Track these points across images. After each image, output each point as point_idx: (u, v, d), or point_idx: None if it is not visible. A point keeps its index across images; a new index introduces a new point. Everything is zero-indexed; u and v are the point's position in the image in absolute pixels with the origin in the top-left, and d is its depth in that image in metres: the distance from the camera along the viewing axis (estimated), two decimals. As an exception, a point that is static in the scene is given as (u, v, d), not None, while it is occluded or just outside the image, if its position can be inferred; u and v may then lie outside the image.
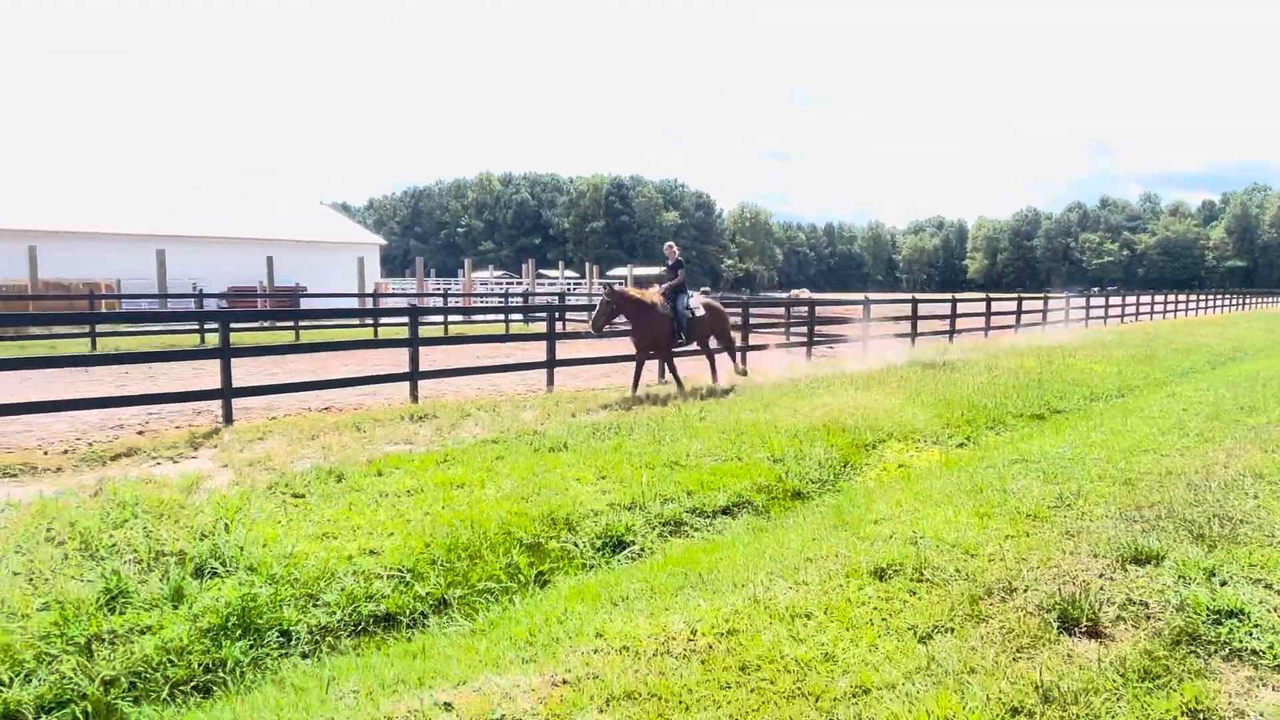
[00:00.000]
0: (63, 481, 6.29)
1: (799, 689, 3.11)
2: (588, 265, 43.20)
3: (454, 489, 6.12)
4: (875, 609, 3.82)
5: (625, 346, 17.68)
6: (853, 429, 8.67)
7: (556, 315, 13.08)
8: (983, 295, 25.06)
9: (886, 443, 8.51)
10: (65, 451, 7.48)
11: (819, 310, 18.51)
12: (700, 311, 11.33)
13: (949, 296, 23.34)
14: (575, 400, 10.30)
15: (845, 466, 7.66)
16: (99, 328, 17.87)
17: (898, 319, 19.42)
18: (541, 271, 61.43)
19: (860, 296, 19.54)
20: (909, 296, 20.33)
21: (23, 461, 7.00)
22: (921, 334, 19.11)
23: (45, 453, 7.42)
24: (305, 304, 27.08)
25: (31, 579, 4.34)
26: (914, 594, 3.98)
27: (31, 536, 4.87)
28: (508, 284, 50.33)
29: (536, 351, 14.99)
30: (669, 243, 11.83)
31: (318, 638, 4.10)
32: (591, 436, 8.05)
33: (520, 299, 32.35)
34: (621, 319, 10.88)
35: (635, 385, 10.92)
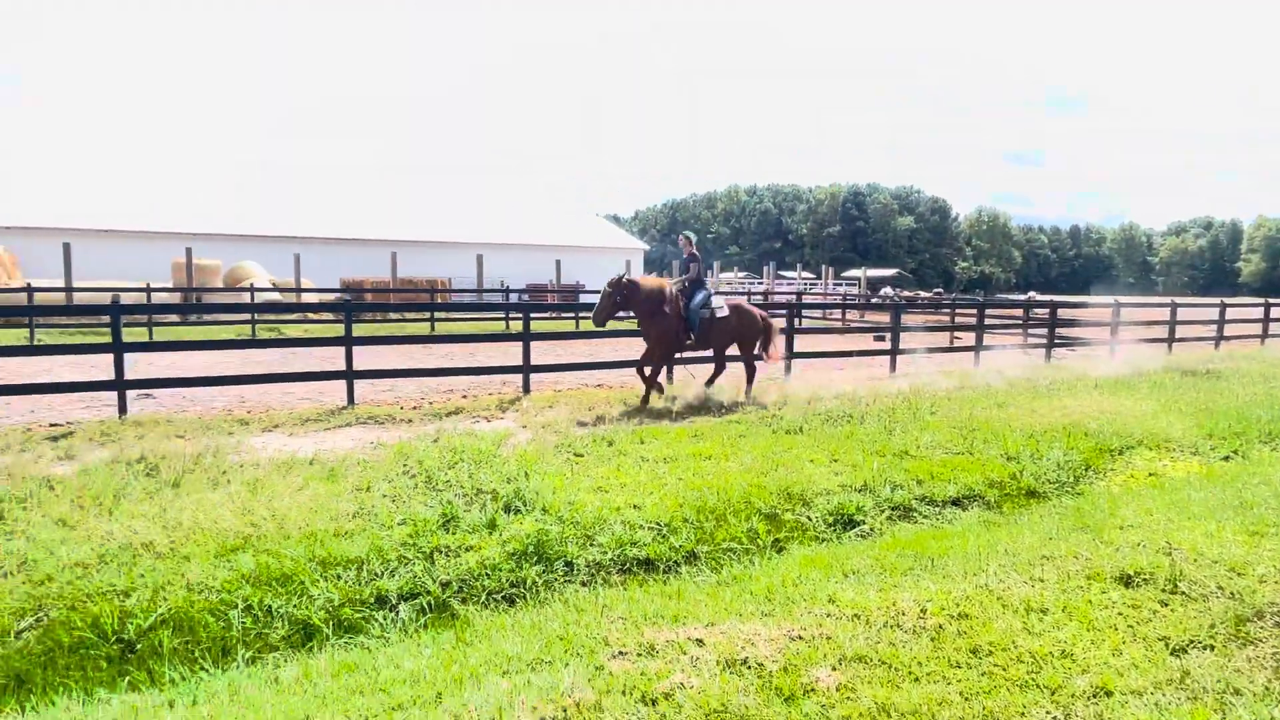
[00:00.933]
0: (412, 430, 7.39)
1: (1033, 679, 2.83)
2: (824, 267, 41.97)
3: (702, 460, 6.30)
4: (1120, 614, 3.35)
5: (864, 342, 16.94)
6: (1096, 433, 7.61)
7: (794, 311, 12.83)
8: (1260, 300, 20.63)
9: (1135, 449, 7.36)
10: (415, 407, 8.75)
11: (1061, 312, 16.40)
12: (724, 313, 8.99)
13: (1216, 301, 19.53)
14: (809, 389, 10.11)
15: (1086, 470, 6.76)
16: (436, 314, 20.70)
17: (1152, 323, 16.63)
18: (780, 273, 60.71)
19: (1106, 299, 16.99)
20: (1166, 300, 17.28)
21: (387, 413, 8.32)
22: (1181, 339, 16.20)
23: (401, 407, 8.75)
24: (584, 299, 29.27)
25: (394, 500, 5.17)
26: (1165, 605, 3.43)
27: (393, 469, 5.80)
28: (749, 283, 50.44)
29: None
30: (685, 234, 9.33)
31: (593, 571, 4.46)
32: (825, 423, 7.86)
33: (761, 297, 32.30)
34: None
35: (648, 389, 8.78)
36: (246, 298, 21.16)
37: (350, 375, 8.69)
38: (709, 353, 9.35)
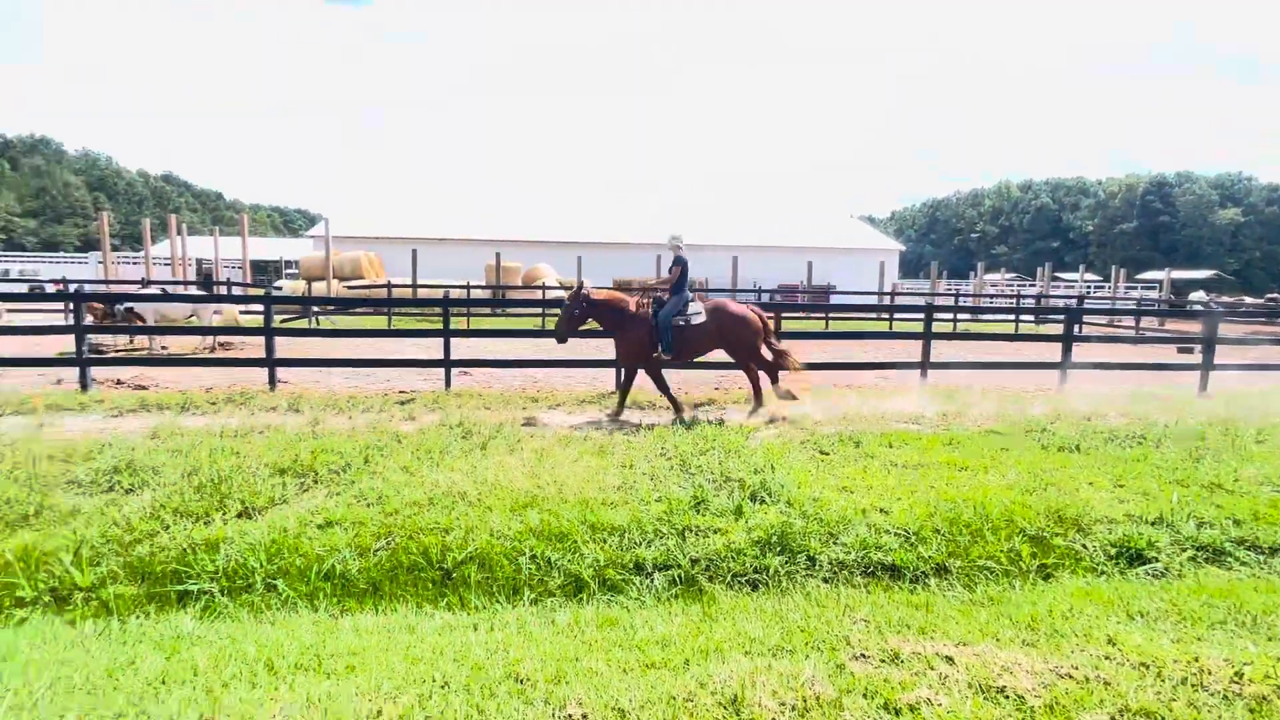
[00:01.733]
0: (670, 416, 7.76)
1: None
2: (1113, 269, 35.64)
3: (957, 470, 5.76)
4: None
5: (1163, 354, 14.15)
6: None
7: (1073, 317, 11.11)
8: None
9: None
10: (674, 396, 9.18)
11: None
12: (700, 319, 7.84)
13: None
14: (1090, 402, 8.69)
15: None
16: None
17: None
18: (1057, 275, 52.88)
19: None
20: None
21: (648, 400, 8.83)
22: None
23: (662, 396, 9.22)
24: (834, 300, 28.26)
25: (652, 479, 5.49)
26: None
27: (652, 451, 6.15)
28: (1019, 286, 44.65)
29: (1048, 352, 13.04)
30: (673, 235, 8.18)
31: (835, 569, 4.32)
32: (1108, 442, 6.72)
33: (1033, 301, 28.45)
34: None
35: (620, 403, 8.00)
36: (539, 294, 23.87)
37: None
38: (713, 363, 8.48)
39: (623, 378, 8.22)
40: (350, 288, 25.10)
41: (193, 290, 22.48)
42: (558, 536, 4.50)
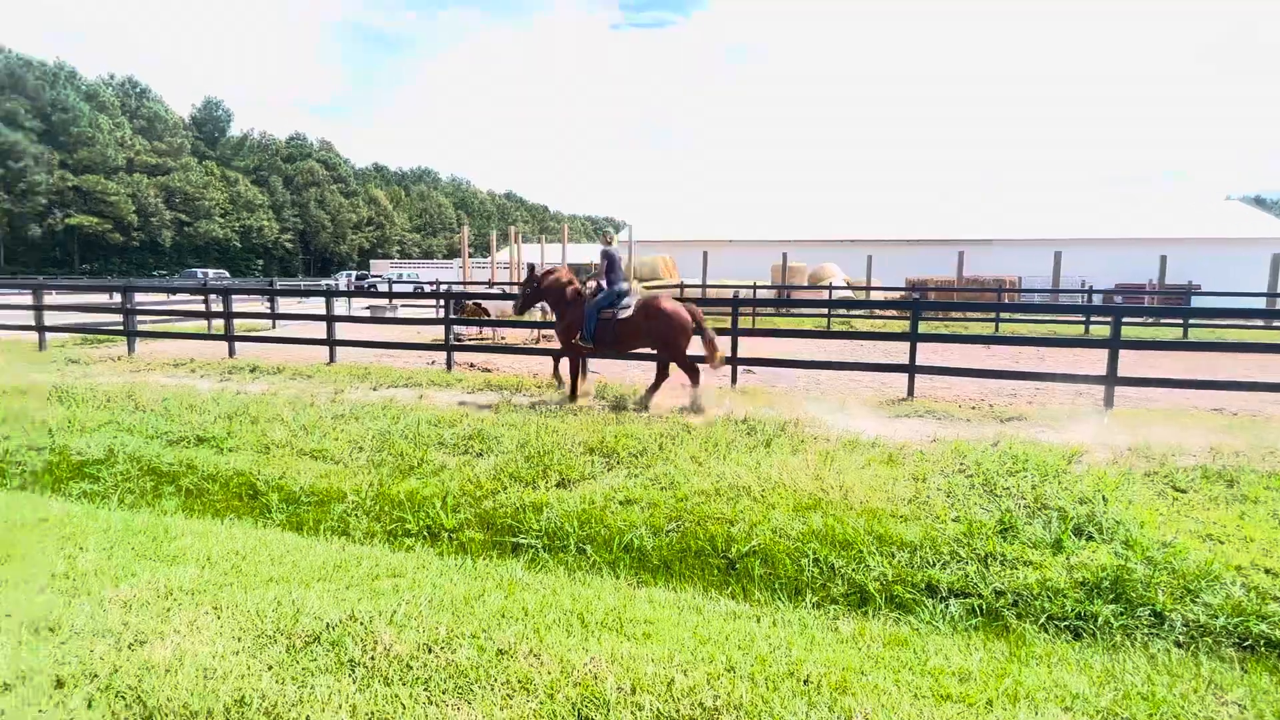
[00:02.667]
0: (970, 430, 7.01)
1: None
2: None
3: (1398, 533, 4.27)
4: None
5: None
6: None
7: None
8: None
9: None
10: (973, 407, 8.30)
11: None
12: (628, 314, 7.88)
13: None
14: None
15: None
16: (1001, 315, 19.07)
17: None
18: None
19: None
20: None
21: (945, 410, 8.09)
22: None
23: (959, 406, 8.39)
24: (1196, 302, 22.84)
25: (949, 496, 5.02)
26: None
27: (949, 465, 5.62)
28: None
29: None
30: (606, 230, 8.63)
31: (1194, 633, 3.51)
32: None
33: None
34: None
35: (561, 383, 8.54)
36: (825, 294, 23.30)
37: (912, 369, 8.76)
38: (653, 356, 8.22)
39: (564, 364, 8.71)
40: (648, 288, 27.24)
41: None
42: (842, 543, 4.37)
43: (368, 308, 22.67)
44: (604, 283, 8.19)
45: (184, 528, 4.56)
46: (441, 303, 20.32)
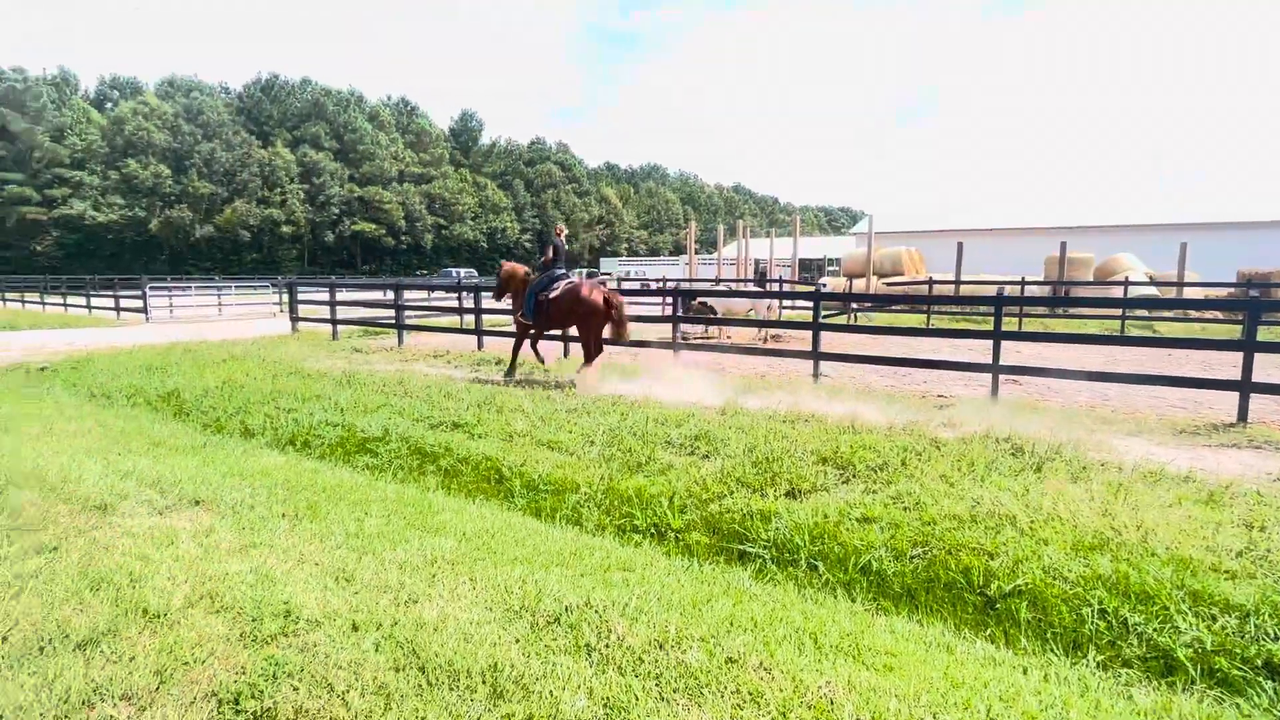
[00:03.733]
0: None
1: None
2: None
3: None
4: None
5: None
6: None
7: None
8: None
9: None
10: None
11: None
12: (555, 294, 9.67)
13: None
14: None
15: None
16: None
17: None
18: None
19: None
20: None
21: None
22: None
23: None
24: None
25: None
26: None
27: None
28: None
29: None
30: (558, 223, 9.89)
31: None
32: None
33: None
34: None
35: (511, 362, 10.31)
36: (1117, 292, 20.25)
37: (1246, 387, 7.28)
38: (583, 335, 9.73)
39: (522, 343, 10.48)
40: (889, 284, 25.83)
41: (750, 287, 26.44)
42: (1139, 595, 3.79)
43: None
44: (555, 270, 10.06)
45: (443, 504, 5.32)
46: (668, 300, 21.17)
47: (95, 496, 4.62)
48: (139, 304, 23.82)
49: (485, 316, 15.02)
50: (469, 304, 18.33)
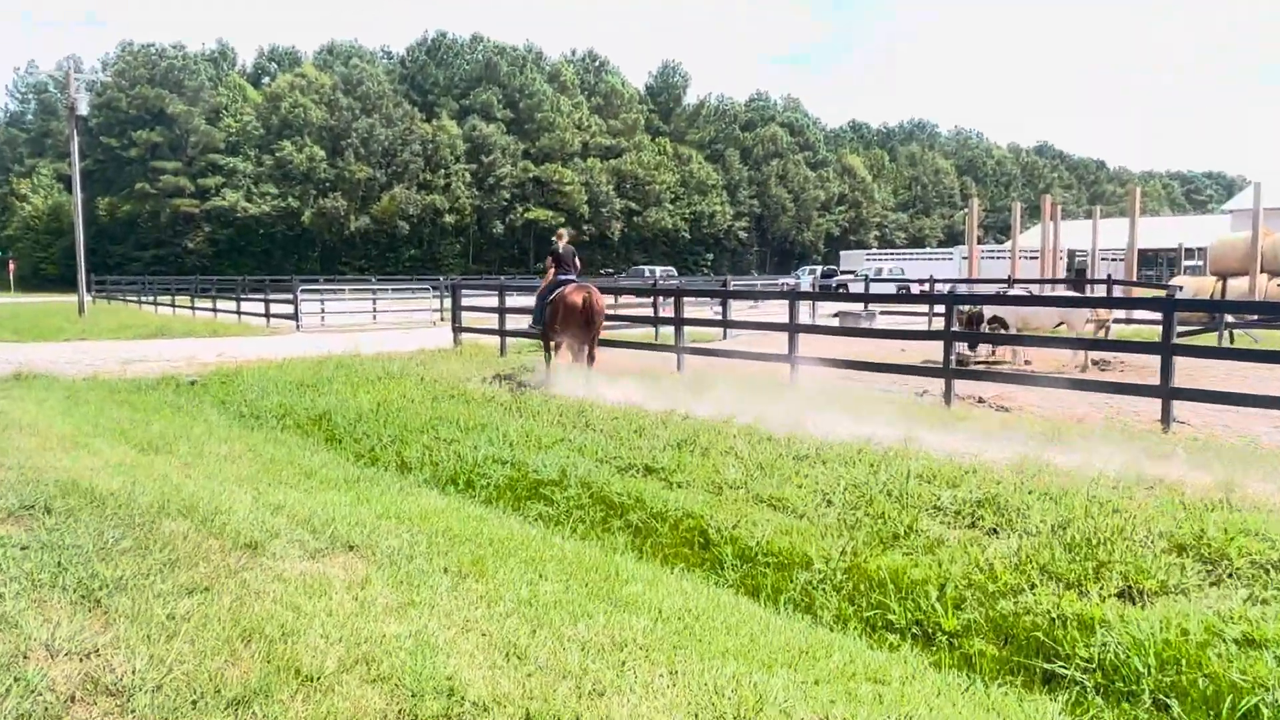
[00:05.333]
0: None
1: None
2: None
3: None
4: None
5: None
6: None
7: None
8: None
9: None
10: None
11: None
12: (550, 299, 13.09)
13: None
14: None
15: None
16: None
17: None
18: None
19: None
20: None
21: None
22: None
23: None
24: None
25: None
26: None
27: None
28: None
29: None
30: (560, 229, 15.09)
31: None
32: None
33: None
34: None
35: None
36: None
37: None
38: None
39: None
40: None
41: (1062, 290, 24.72)
42: None
43: (836, 314, 24.09)
44: (561, 276, 13.23)
45: (633, 570, 5.52)
46: (937, 309, 20.40)
47: (246, 533, 5.36)
48: (289, 309, 27.36)
49: (688, 329, 15.43)
50: (667, 311, 18.94)
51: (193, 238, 75.28)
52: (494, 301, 18.60)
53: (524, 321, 18.95)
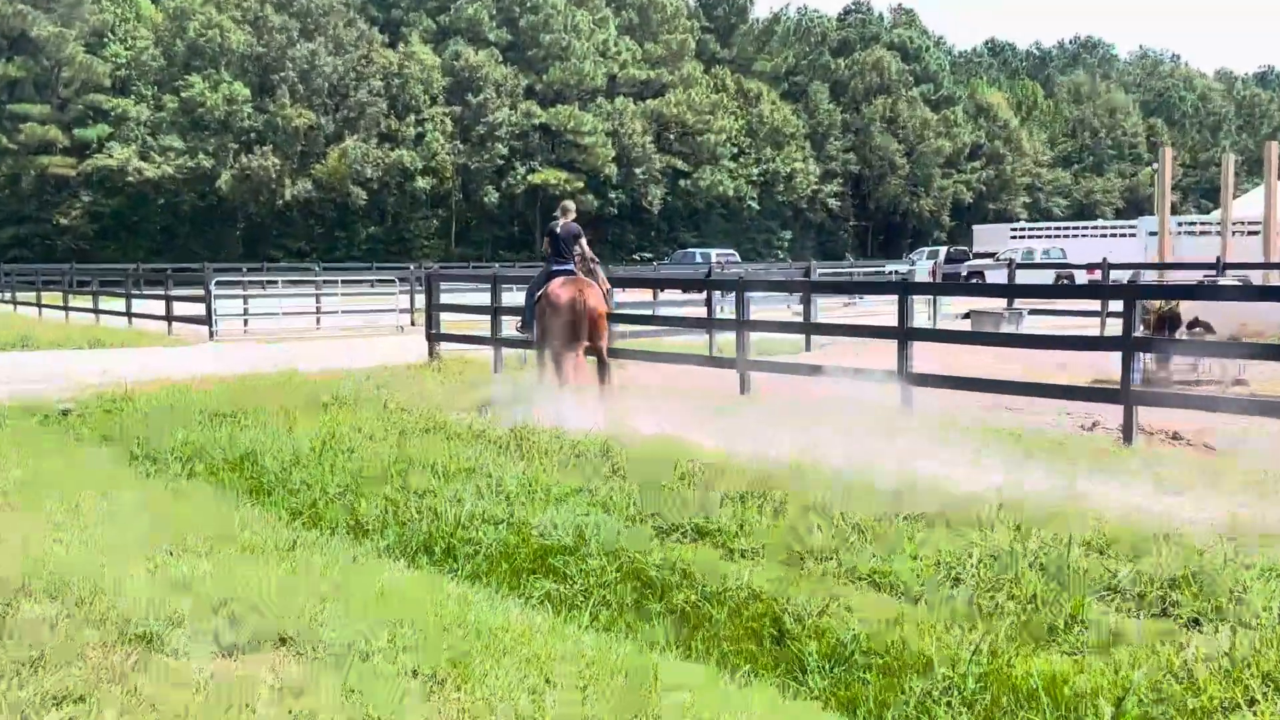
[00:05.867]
0: None
1: None
2: None
3: None
4: None
5: None
6: None
7: None
8: None
9: None
10: None
11: None
12: (536, 297, 14.20)
13: None
14: None
15: None
16: None
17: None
18: None
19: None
20: None
21: None
22: None
23: None
24: None
25: None
26: None
27: None
28: None
29: None
30: (564, 203, 15.77)
31: None
32: None
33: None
34: None
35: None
36: None
37: None
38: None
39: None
40: None
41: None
42: None
43: (966, 315, 23.98)
44: (554, 265, 14.07)
45: (678, 676, 5.51)
46: (1113, 306, 20.18)
47: (138, 620, 5.43)
48: (200, 310, 27.67)
49: (755, 335, 15.40)
50: (726, 311, 18.90)
51: (66, 211, 76.14)
52: (485, 299, 18.72)
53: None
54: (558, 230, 14.43)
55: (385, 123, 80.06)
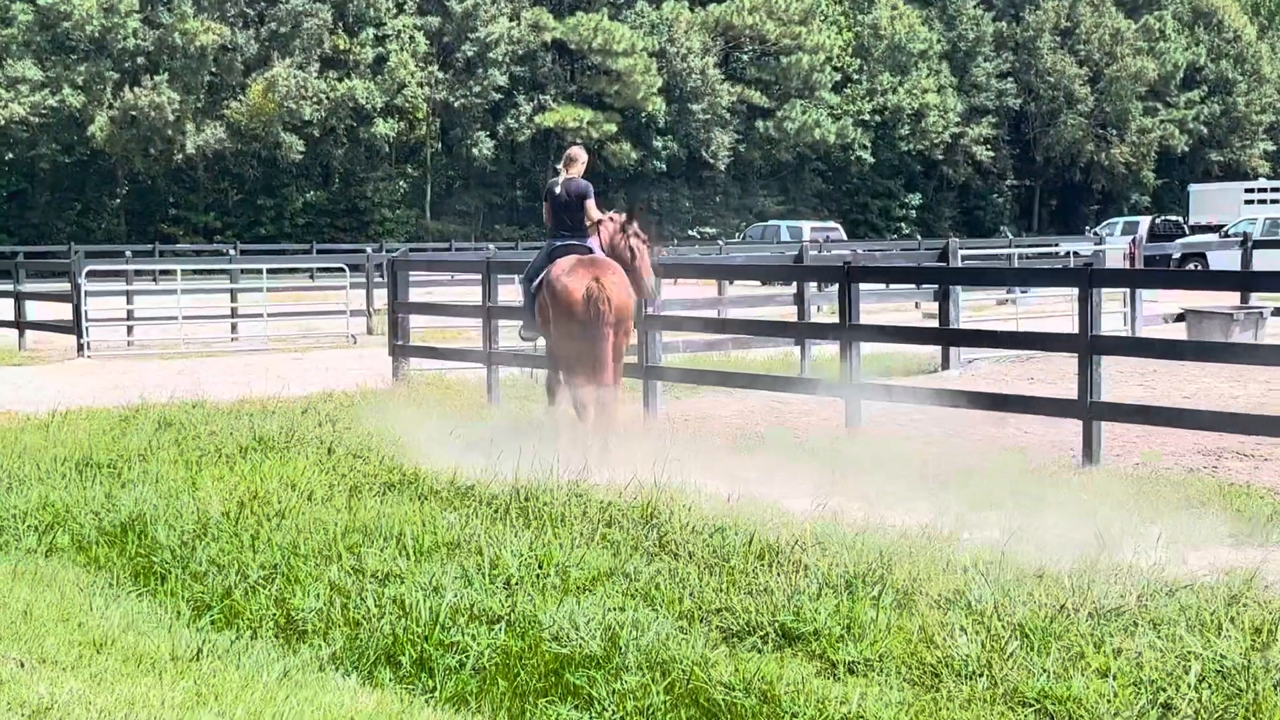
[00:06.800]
0: None
1: None
2: None
3: None
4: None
5: None
6: None
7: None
8: None
9: None
10: None
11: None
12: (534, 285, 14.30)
13: None
14: None
15: None
16: None
17: None
18: None
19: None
20: None
21: None
22: None
23: None
24: None
25: None
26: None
27: None
28: None
29: None
30: (570, 149, 15.49)
31: None
32: None
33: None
34: None
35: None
36: None
37: None
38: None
39: None
40: None
41: None
42: None
43: (1178, 315, 23.84)
44: (556, 241, 14.02)
45: None
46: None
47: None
48: (65, 313, 27.76)
49: (867, 346, 15.37)
50: (823, 312, 18.91)
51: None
52: (474, 295, 18.80)
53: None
54: (557, 190, 14.12)
55: (330, 40, 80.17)
